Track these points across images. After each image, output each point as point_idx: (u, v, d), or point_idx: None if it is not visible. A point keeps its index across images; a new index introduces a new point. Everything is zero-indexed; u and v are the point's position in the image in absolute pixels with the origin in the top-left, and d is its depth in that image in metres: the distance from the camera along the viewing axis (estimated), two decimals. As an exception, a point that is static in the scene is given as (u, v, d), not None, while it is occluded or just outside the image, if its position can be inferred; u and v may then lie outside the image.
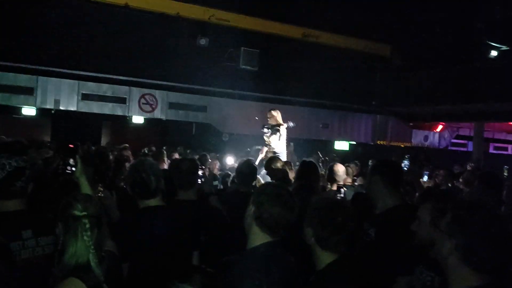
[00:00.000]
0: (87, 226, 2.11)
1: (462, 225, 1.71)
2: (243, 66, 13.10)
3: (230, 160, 9.77)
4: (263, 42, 13.41)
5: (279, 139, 7.67)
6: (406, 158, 5.05)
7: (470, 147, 16.93)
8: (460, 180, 6.46)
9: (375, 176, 3.10)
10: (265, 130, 7.67)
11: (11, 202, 2.54)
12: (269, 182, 2.60)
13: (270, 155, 7.11)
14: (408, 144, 16.47)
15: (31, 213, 2.62)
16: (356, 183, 6.93)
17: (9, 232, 2.39)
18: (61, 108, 11.84)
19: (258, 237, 2.24)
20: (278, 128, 7.72)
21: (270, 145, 7.71)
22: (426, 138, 17.07)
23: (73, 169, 2.81)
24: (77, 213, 2.13)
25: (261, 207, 2.25)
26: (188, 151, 10.56)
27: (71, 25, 11.09)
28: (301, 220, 2.36)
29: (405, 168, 5.79)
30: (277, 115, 7.95)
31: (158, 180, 2.89)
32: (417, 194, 5.01)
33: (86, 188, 2.78)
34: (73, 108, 11.96)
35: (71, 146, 2.96)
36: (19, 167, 2.56)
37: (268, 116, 7.96)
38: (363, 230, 2.98)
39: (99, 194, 3.54)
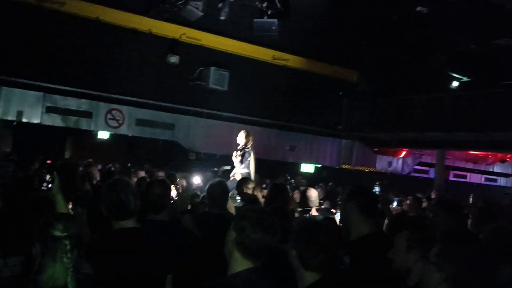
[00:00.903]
0: (68, 247, 2.02)
1: (452, 257, 1.73)
2: (212, 86, 13.12)
3: (197, 180, 9.70)
4: (233, 62, 13.49)
5: (248, 162, 7.69)
6: (377, 184, 5.13)
7: (432, 174, 17.37)
8: (424, 206, 6.64)
9: (350, 203, 3.12)
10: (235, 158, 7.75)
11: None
12: (250, 207, 2.57)
13: (239, 176, 7.13)
14: (372, 169, 16.77)
15: (1, 232, 2.53)
16: (322, 206, 7.02)
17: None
18: (24, 120, 11.50)
19: (239, 263, 2.20)
20: (248, 150, 7.76)
21: (239, 167, 7.72)
22: (390, 163, 17.42)
23: (49, 185, 2.72)
24: (57, 233, 2.04)
25: (242, 233, 2.20)
26: (154, 169, 10.40)
27: (39, 35, 10.86)
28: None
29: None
30: (247, 136, 7.98)
31: (135, 200, 2.82)
32: (386, 221, 5.09)
33: (62, 206, 2.69)
34: (36, 120, 11.62)
35: (48, 162, 2.88)
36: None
37: (239, 137, 7.99)
38: (337, 256, 3.00)
39: (70, 212, 3.43)
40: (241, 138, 7.93)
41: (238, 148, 7.88)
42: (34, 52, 10.84)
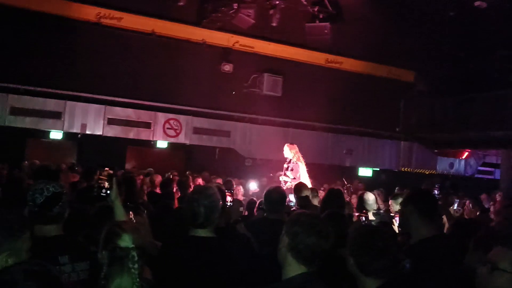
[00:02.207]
0: (136, 258, 2.07)
1: None
2: (267, 92, 13.20)
3: (253, 186, 9.76)
4: (286, 68, 13.52)
5: (299, 174, 7.83)
6: (436, 187, 4.96)
7: (497, 175, 16.57)
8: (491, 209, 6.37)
9: (409, 207, 3.06)
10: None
11: (48, 227, 2.58)
12: (302, 211, 2.57)
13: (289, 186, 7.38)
14: (433, 171, 16.23)
15: (68, 238, 2.65)
16: (381, 211, 6.86)
17: (46, 257, 2.41)
18: (88, 132, 12.03)
19: (294, 268, 2.20)
20: (294, 163, 7.92)
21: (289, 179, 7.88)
22: (451, 165, 16.79)
23: (108, 192, 2.83)
24: (125, 244, 2.09)
25: (295, 238, 2.21)
26: (212, 176, 10.56)
27: (99, 51, 11.35)
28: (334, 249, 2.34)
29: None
30: (291, 149, 8.16)
31: (209, 212, 2.85)
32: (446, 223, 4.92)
33: (120, 212, 2.79)
34: (99, 132, 12.14)
35: (107, 169, 2.99)
36: (57, 192, 2.60)
37: (284, 151, 8.17)
38: (397, 261, 2.93)
39: (132, 220, 3.54)
40: (286, 153, 8.13)
41: (287, 162, 8.09)
42: (94, 67, 11.35)
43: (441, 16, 12.36)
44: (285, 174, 8.16)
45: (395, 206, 5.22)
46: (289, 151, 8.23)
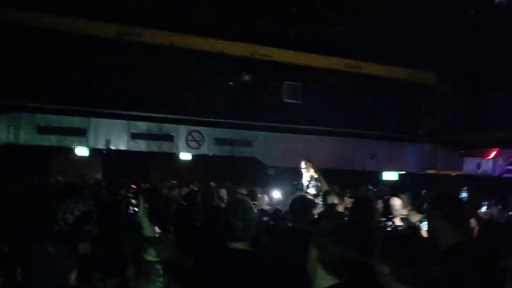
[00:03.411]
0: (160, 272, 2.12)
1: None
2: (287, 100, 13.19)
3: (277, 194, 9.75)
4: (306, 75, 13.49)
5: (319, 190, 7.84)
6: (464, 190, 4.86)
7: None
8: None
9: (435, 211, 3.01)
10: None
11: (80, 245, 2.63)
12: (328, 222, 2.57)
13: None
14: (459, 173, 15.94)
15: (98, 255, 2.71)
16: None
17: (80, 275, 2.47)
18: (112, 147, 12.22)
19: (324, 280, 2.20)
20: (317, 181, 7.93)
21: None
22: (479, 165, 16.45)
23: (135, 209, 2.87)
24: (150, 258, 2.14)
25: (324, 250, 2.22)
26: (235, 186, 10.58)
27: (120, 67, 11.52)
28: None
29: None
30: (311, 166, 8.16)
31: (247, 226, 2.85)
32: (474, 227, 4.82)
33: (149, 229, 2.83)
34: (123, 147, 12.32)
35: (133, 186, 3.03)
36: (87, 211, 2.66)
37: (305, 167, 8.17)
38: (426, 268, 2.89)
39: (157, 235, 3.58)
40: (304, 170, 8.16)
41: (307, 179, 8.10)
42: (116, 83, 11.51)
43: (462, 15, 12.19)
44: (306, 192, 8.17)
45: (415, 217, 5.17)
46: (307, 169, 8.24)
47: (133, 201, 2.91)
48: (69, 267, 2.05)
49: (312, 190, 7.99)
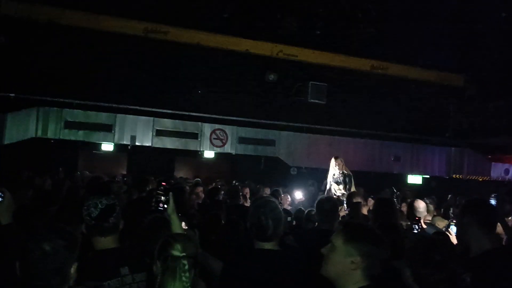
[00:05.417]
0: (186, 267, 2.13)
1: None
2: (312, 100, 13.13)
3: (299, 195, 9.71)
4: (331, 75, 13.41)
5: (348, 187, 7.83)
6: (493, 196, 4.75)
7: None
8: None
9: (467, 217, 2.95)
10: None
11: (106, 239, 2.66)
12: (355, 223, 2.55)
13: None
14: (486, 178, 15.63)
15: (126, 249, 2.73)
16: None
17: (109, 269, 2.50)
18: (137, 143, 12.35)
19: (352, 283, 2.18)
20: (348, 175, 7.92)
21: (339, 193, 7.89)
22: (507, 171, 16.09)
23: (165, 206, 2.90)
24: (176, 253, 2.15)
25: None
26: (258, 186, 10.59)
27: (146, 64, 11.65)
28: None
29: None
30: (340, 161, 8.15)
31: (276, 225, 2.84)
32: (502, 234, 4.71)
33: (177, 226, 2.85)
34: (148, 143, 12.45)
35: (164, 184, 3.06)
36: (109, 204, 2.69)
37: (336, 164, 8.15)
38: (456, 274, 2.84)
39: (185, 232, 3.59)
40: (336, 166, 8.13)
41: (337, 175, 8.07)
42: (142, 80, 11.65)
43: (492, 17, 11.96)
44: (334, 189, 8.15)
45: (441, 222, 5.08)
46: (335, 165, 8.22)
47: (163, 198, 2.92)
48: (68, 263, 2.07)
49: (341, 187, 7.96)
